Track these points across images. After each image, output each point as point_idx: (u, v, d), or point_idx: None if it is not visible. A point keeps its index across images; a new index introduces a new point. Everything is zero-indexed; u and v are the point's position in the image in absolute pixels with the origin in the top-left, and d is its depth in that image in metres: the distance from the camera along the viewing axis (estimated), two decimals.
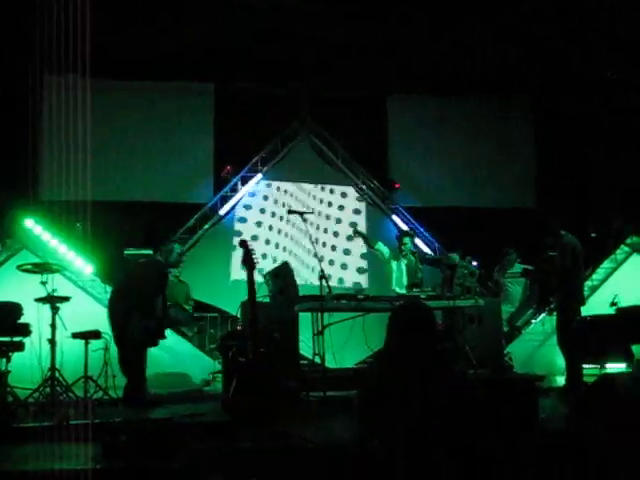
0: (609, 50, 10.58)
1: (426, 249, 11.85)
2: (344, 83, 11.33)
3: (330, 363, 7.73)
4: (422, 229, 11.92)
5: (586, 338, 7.75)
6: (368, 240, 9.53)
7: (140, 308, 6.90)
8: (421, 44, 11.00)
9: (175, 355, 8.86)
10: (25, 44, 9.64)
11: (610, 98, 10.86)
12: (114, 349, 7.60)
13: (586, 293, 8.71)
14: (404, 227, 11.73)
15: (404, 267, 9.04)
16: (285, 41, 10.57)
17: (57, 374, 7.14)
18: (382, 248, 9.36)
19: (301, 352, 7.82)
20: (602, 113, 11.03)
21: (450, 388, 3.20)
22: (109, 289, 8.78)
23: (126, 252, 9.70)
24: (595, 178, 11.25)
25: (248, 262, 5.67)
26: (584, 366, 7.84)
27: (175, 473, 4.29)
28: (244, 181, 11.42)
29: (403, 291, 8.74)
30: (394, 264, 9.16)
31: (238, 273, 10.52)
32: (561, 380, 8.14)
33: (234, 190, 11.34)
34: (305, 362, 8.22)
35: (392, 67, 11.32)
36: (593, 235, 10.23)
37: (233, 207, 11.31)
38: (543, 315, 10.03)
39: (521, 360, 9.44)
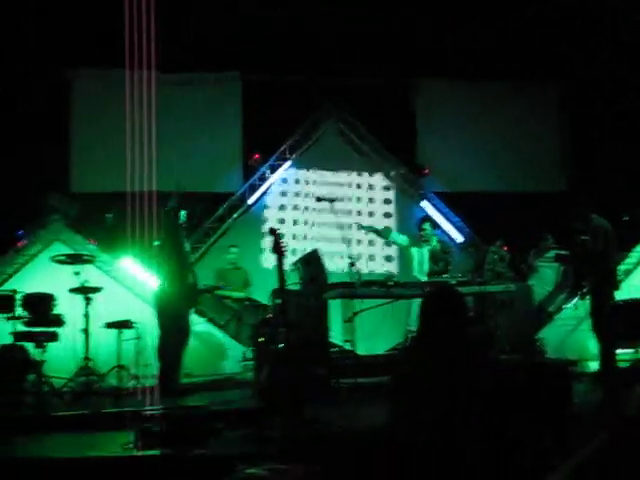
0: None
1: (456, 235, 11.76)
2: (370, 69, 11.25)
3: (360, 350, 7.73)
4: (452, 215, 11.83)
5: (620, 322, 7.64)
6: (380, 232, 9.49)
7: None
8: (447, 30, 10.94)
9: (208, 343, 8.93)
10: (58, 36, 9.77)
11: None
12: (146, 338, 7.69)
13: (620, 277, 8.57)
14: (434, 213, 11.64)
15: (426, 253, 8.98)
16: (311, 28, 10.52)
17: (91, 363, 7.24)
18: (397, 237, 9.39)
19: (331, 340, 7.82)
20: (632, 95, 10.86)
21: (482, 373, 3.17)
22: (140, 279, 8.87)
23: (155, 242, 9.77)
24: (627, 161, 11.06)
25: (278, 249, 5.66)
26: (618, 351, 7.74)
27: (209, 460, 4.32)
28: (272, 169, 11.41)
29: (424, 278, 8.67)
30: (414, 251, 9.10)
31: (267, 261, 10.55)
32: (594, 365, 8.05)
33: (262, 179, 11.34)
34: (335, 349, 8.24)
35: (420, 52, 11.23)
36: (626, 218, 10.05)
37: (262, 195, 11.31)
38: (576, 299, 9.89)
39: (553, 345, 9.33)
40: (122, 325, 7.55)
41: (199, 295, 8.05)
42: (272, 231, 5.75)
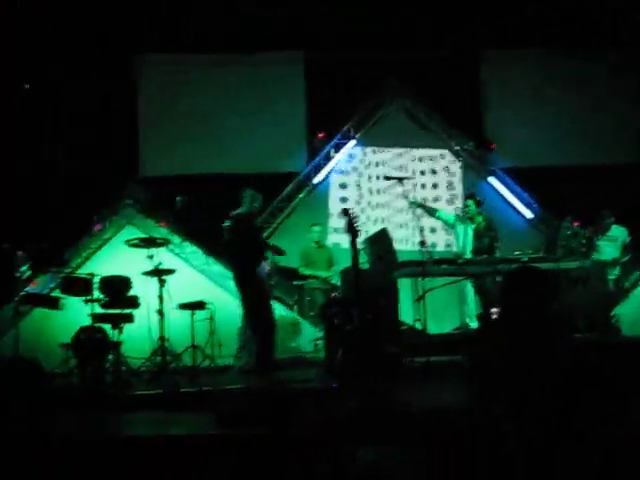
0: None
1: (525, 211, 11.51)
2: (433, 42, 11.07)
3: (431, 329, 7.69)
4: (520, 190, 11.57)
5: None
6: (428, 209, 9.46)
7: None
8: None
9: (277, 322, 9.00)
10: (126, 20, 9.92)
11: None
12: (219, 319, 7.82)
13: None
14: (502, 189, 11.44)
15: (470, 231, 8.87)
16: (371, 3, 10.40)
17: (166, 344, 7.39)
18: (444, 215, 9.52)
19: (401, 319, 7.79)
20: None
21: (561, 352, 3.12)
22: (211, 261, 9.00)
23: (225, 224, 9.87)
24: None
25: (351, 230, 5.65)
26: None
27: (289, 439, 4.36)
28: (337, 148, 11.38)
29: (469, 256, 8.58)
30: (460, 228, 9.02)
31: (332, 240, 10.55)
32: None
33: (327, 158, 11.32)
34: (405, 328, 8.20)
35: (484, 21, 10.99)
36: None
37: (327, 175, 11.30)
38: None
39: (628, 323, 9.09)
40: (195, 306, 7.68)
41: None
42: (345, 212, 5.74)
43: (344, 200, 11.08)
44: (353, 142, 11.37)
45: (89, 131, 10.09)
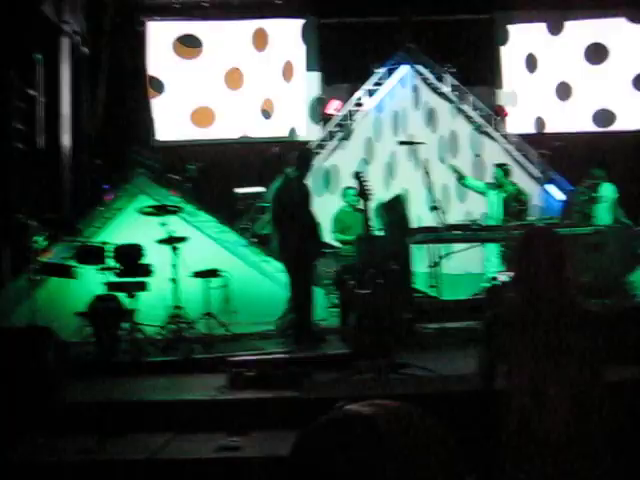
0: None
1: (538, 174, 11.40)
2: (449, 5, 10.91)
3: (445, 296, 7.65)
4: (532, 158, 11.44)
5: None
6: (460, 174, 9.31)
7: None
8: None
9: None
10: None
11: None
12: (233, 286, 7.81)
13: None
14: (516, 155, 11.33)
15: (499, 199, 8.81)
16: None
17: (180, 311, 7.40)
18: (473, 183, 9.43)
19: (415, 285, 7.76)
20: None
21: (577, 315, 3.07)
22: (224, 228, 8.97)
23: (236, 191, 9.85)
24: None
25: (363, 194, 5.61)
26: None
27: (302, 403, 4.38)
28: (350, 115, 11.30)
29: (497, 223, 8.52)
30: (491, 195, 8.97)
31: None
32: None
33: (341, 125, 11.25)
34: (420, 295, 8.17)
35: None
36: None
37: (341, 141, 11.22)
38: None
39: None
40: (209, 274, 7.67)
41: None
42: (357, 175, 5.69)
43: (365, 163, 10.96)
44: (366, 108, 11.26)
45: (102, 100, 10.06)
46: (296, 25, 11.18)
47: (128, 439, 4.61)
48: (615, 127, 11.53)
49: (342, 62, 10.93)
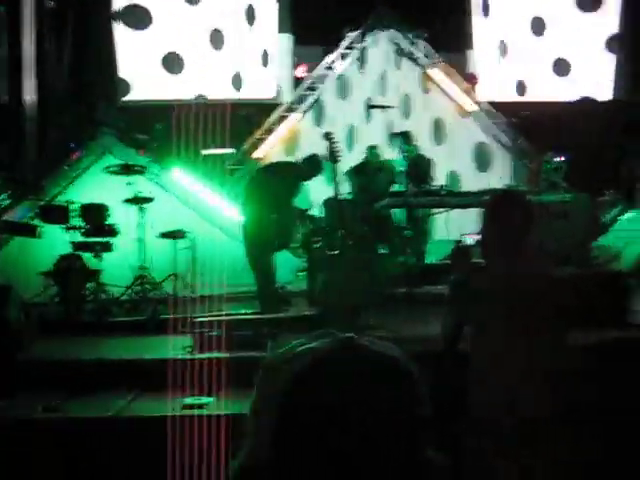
0: None
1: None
2: None
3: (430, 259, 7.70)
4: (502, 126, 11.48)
5: None
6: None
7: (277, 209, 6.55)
8: None
9: None
10: None
11: None
12: (199, 247, 7.75)
13: None
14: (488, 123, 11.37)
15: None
16: None
17: (146, 272, 7.35)
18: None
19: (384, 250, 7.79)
20: None
21: (542, 281, 3.09)
22: (191, 190, 8.88)
23: (203, 152, 9.71)
24: None
25: (332, 156, 5.57)
26: None
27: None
28: (320, 79, 11.18)
29: None
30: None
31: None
32: None
33: (311, 89, 11.13)
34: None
35: None
36: None
37: (310, 106, 11.12)
38: (633, 213, 9.65)
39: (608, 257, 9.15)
40: (175, 235, 7.61)
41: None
42: (327, 136, 5.64)
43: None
44: (335, 74, 11.17)
45: (68, 57, 9.80)
46: None
47: (93, 397, 4.60)
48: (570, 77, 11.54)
49: (314, 25, 10.78)
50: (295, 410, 1.05)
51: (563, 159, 9.00)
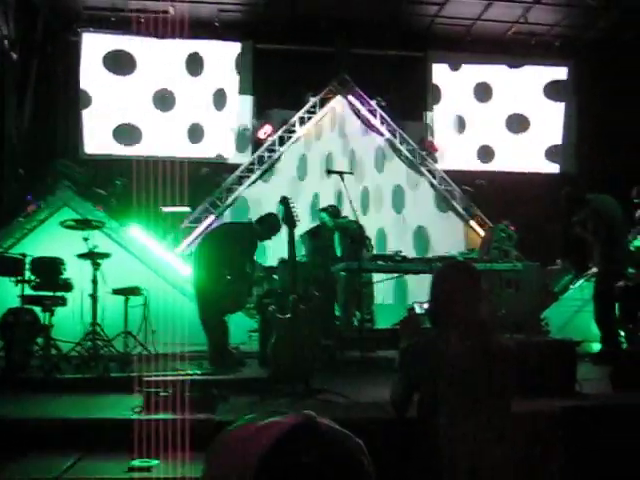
0: None
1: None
2: (382, 40, 11.19)
3: (380, 324, 7.75)
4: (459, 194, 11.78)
5: (626, 304, 7.64)
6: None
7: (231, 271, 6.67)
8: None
9: None
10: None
11: None
12: (153, 305, 7.71)
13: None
14: (442, 190, 11.64)
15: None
16: None
17: (98, 329, 7.25)
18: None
19: (338, 313, 7.84)
20: None
21: (495, 344, 3.16)
22: (147, 247, 8.87)
23: (163, 209, 9.75)
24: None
25: (289, 220, 5.65)
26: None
27: (217, 425, 4.34)
28: (281, 141, 11.37)
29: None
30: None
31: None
32: (597, 347, 8.06)
33: (271, 150, 11.30)
34: (342, 323, 8.24)
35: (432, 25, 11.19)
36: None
37: (271, 167, 11.27)
38: (582, 281, 9.92)
39: (558, 326, 9.36)
40: (129, 292, 7.56)
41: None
42: (283, 200, 5.72)
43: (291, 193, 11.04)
44: (298, 135, 11.37)
45: (29, 108, 9.83)
46: (232, 50, 11.23)
47: (36, 458, 4.47)
48: (493, 164, 12.05)
49: (276, 88, 11.03)
50: None
51: (513, 228, 9.25)
